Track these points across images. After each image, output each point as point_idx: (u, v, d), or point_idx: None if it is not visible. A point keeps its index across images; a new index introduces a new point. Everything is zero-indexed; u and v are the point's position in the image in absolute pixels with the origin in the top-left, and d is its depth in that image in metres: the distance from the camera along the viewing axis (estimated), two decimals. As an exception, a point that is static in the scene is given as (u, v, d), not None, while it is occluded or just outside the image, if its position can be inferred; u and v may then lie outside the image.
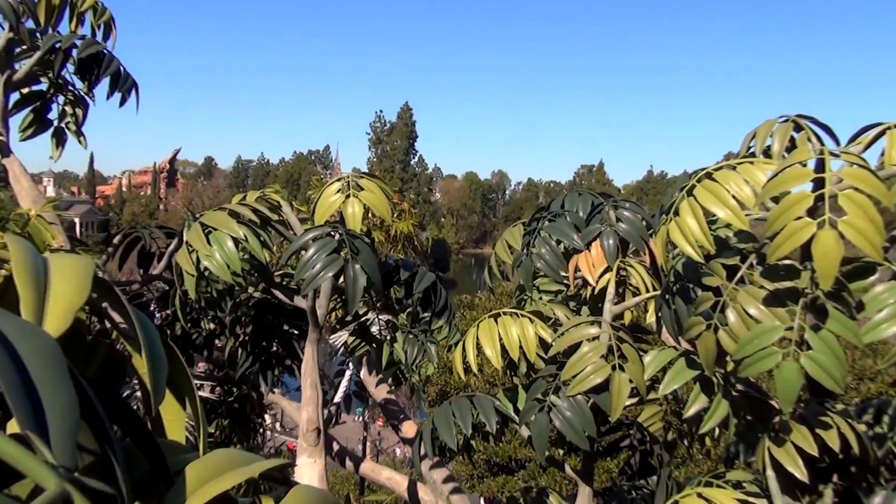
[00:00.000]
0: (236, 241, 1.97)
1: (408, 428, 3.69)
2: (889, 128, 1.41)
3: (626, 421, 2.38)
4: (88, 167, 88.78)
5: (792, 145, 1.52)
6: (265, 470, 0.53)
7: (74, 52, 2.82)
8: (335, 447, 3.63)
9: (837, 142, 1.48)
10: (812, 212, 1.15)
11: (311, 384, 2.23)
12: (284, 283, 2.57)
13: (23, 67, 2.86)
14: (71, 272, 0.53)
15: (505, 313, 2.01)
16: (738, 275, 1.33)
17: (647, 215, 2.05)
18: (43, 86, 3.01)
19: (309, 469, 2.13)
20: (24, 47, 2.86)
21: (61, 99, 3.03)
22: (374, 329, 2.73)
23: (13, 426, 0.42)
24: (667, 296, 1.57)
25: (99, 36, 3.02)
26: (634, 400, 1.81)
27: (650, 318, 1.93)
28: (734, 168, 1.36)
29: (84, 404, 0.44)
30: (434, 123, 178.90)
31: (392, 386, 3.64)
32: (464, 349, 2.02)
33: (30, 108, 3.02)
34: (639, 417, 2.38)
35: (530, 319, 1.98)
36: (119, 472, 0.45)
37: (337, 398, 4.09)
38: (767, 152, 1.53)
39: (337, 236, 1.97)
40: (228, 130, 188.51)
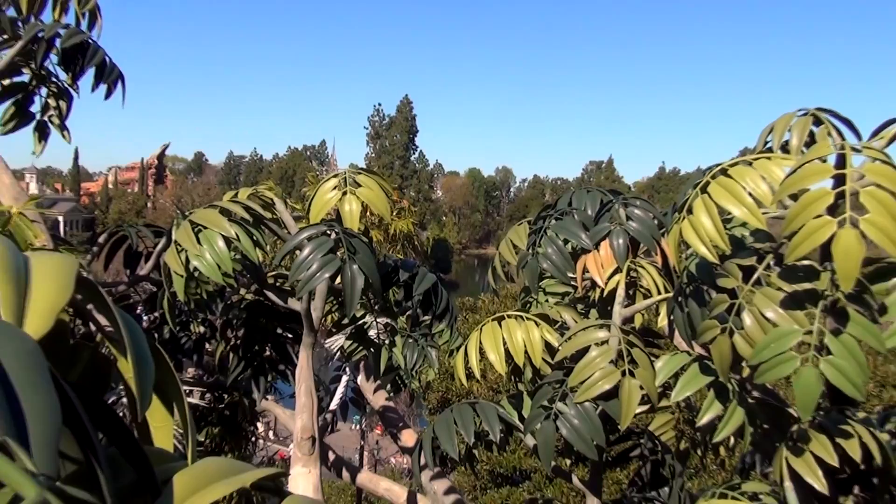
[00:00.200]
0: (228, 241, 1.97)
1: (407, 436, 3.69)
2: (914, 121, 1.40)
3: (637, 429, 2.38)
4: (73, 163, 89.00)
5: (811, 140, 1.52)
6: (257, 480, 0.53)
7: (58, 42, 2.82)
8: (331, 456, 3.64)
9: (859, 136, 1.47)
10: (832, 210, 1.14)
11: (306, 390, 2.23)
12: (278, 285, 2.57)
13: (3, 58, 2.86)
14: (53, 271, 0.53)
15: (509, 316, 2.00)
16: (755, 276, 1.33)
17: (659, 213, 2.04)
18: (25, 77, 3.01)
19: (303, 479, 2.13)
20: (6, 37, 2.86)
21: (44, 91, 3.03)
22: (372, 333, 2.72)
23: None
24: (679, 298, 1.56)
25: (83, 25, 3.02)
26: (645, 407, 1.81)
27: (662, 322, 1.93)
28: (750, 164, 1.36)
29: (66, 410, 0.44)
30: (435, 117, 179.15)
31: (391, 392, 3.64)
32: (466, 354, 2.02)
33: (11, 101, 3.02)
34: (650, 426, 2.38)
35: (536, 323, 1.98)
36: (103, 482, 0.45)
37: (333, 405, 4.10)
38: (785, 147, 1.53)
39: (333, 235, 1.97)
40: (219, 125, 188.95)
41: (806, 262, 1.27)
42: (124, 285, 2.93)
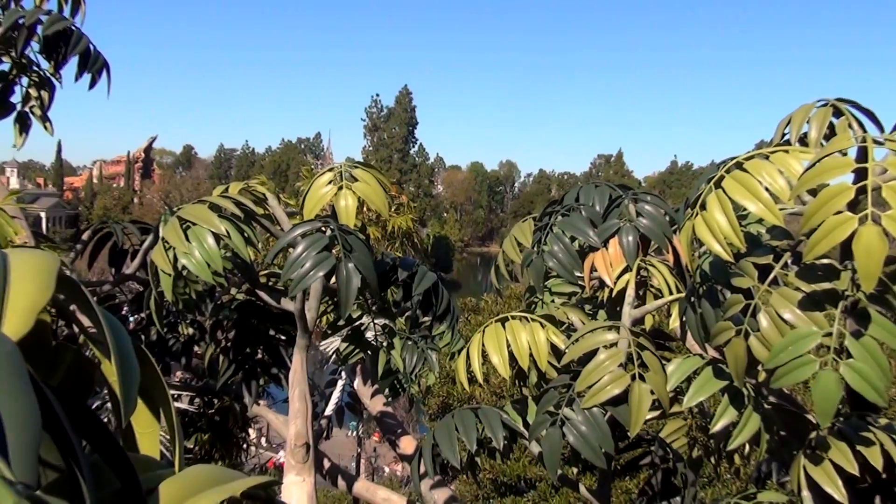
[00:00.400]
0: (217, 238, 1.97)
1: (406, 443, 3.69)
2: (939, 113, 1.40)
3: (647, 436, 2.38)
4: (56, 156, 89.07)
5: (831, 132, 1.52)
6: (248, 489, 0.52)
7: (39, 29, 2.82)
8: (326, 464, 3.64)
9: (881, 128, 1.47)
10: (853, 205, 1.14)
11: (300, 395, 2.23)
12: (270, 284, 2.57)
13: (-17, 46, 2.87)
14: (34, 269, 0.53)
15: (513, 317, 2.01)
16: (771, 275, 1.33)
17: (671, 210, 2.04)
18: (5, 66, 3.01)
19: (297, 488, 2.13)
20: (-15, 24, 2.86)
21: (25, 80, 3.03)
22: (370, 335, 2.73)
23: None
24: (692, 298, 1.56)
25: (66, 11, 3.02)
26: (656, 413, 1.81)
27: (673, 323, 1.93)
28: (767, 157, 1.35)
29: (47, 415, 0.44)
30: (436, 109, 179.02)
31: (389, 397, 3.64)
32: (468, 357, 2.02)
33: (-9, 91, 3.03)
34: (661, 432, 2.38)
35: (541, 324, 1.98)
36: (85, 490, 0.45)
37: (328, 411, 4.11)
38: (804, 140, 1.53)
39: (328, 232, 1.97)
40: (209, 116, 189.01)
41: (825, 261, 1.27)
42: (109, 284, 2.93)
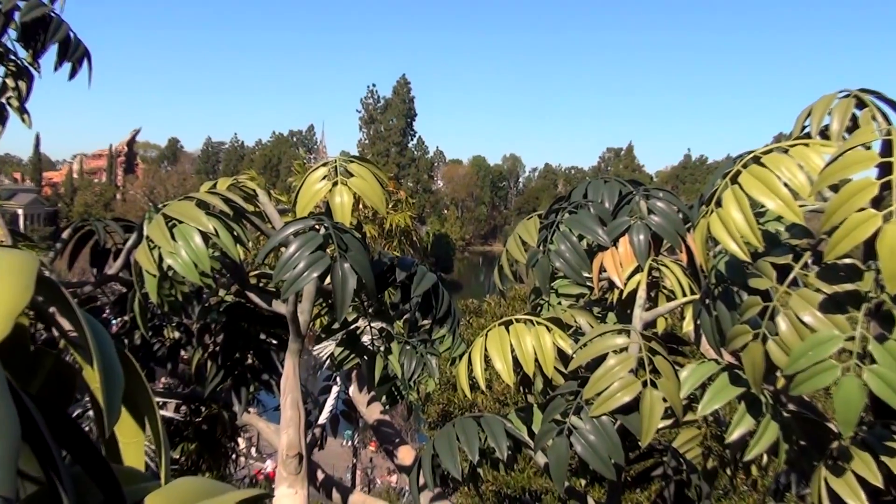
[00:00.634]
0: (205, 236, 1.97)
1: (404, 454, 3.69)
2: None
3: (659, 446, 2.38)
4: (34, 150, 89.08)
5: (854, 125, 1.52)
6: (238, 501, 0.53)
7: (17, 16, 2.82)
8: (320, 476, 3.64)
9: (907, 120, 1.47)
10: (877, 202, 1.14)
11: (292, 402, 2.23)
12: (261, 285, 2.57)
13: (-43, 34, 2.86)
14: (11, 270, 0.53)
15: (518, 320, 2.01)
16: (791, 276, 1.33)
17: (684, 206, 2.04)
18: (-20, 55, 3.01)
19: (289, 501, 2.13)
20: (-41, 10, 2.86)
21: (1, 70, 3.03)
22: (366, 339, 2.73)
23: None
24: (707, 300, 1.56)
25: (45, -3, 3.02)
26: (669, 422, 1.81)
27: (687, 327, 1.93)
28: (786, 151, 1.35)
29: (26, 424, 0.44)
30: (436, 100, 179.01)
31: (386, 405, 3.64)
32: (470, 362, 2.02)
33: (-35, 81, 3.03)
34: (674, 442, 2.38)
35: (547, 328, 1.98)
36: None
37: (322, 419, 4.11)
38: (825, 133, 1.53)
39: (322, 230, 1.97)
40: (196, 108, 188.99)
41: (848, 261, 1.27)
42: (91, 286, 2.93)
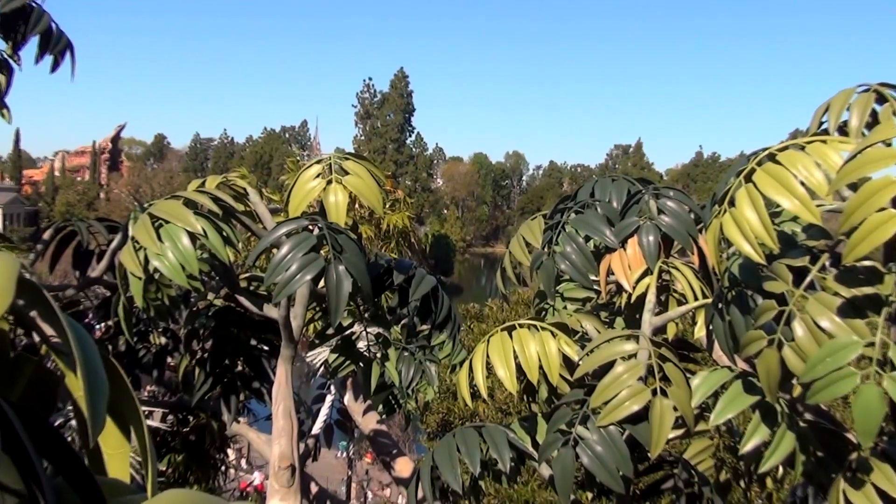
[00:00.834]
0: (193, 237, 1.97)
1: (402, 465, 3.70)
2: None
3: (670, 458, 2.38)
4: (13, 147, 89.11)
5: (873, 120, 1.52)
6: (227, 515, 0.53)
7: (-4, 6, 2.82)
8: (313, 489, 3.64)
9: (930, 116, 1.47)
10: (898, 202, 1.14)
11: (284, 412, 2.23)
12: (252, 289, 2.57)
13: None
14: (-9, 273, 0.53)
15: (521, 325, 2.01)
16: (808, 279, 1.33)
17: (696, 206, 2.04)
18: (-43, 47, 3.01)
19: (281, 515, 2.13)
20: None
21: (-20, 63, 3.03)
22: (362, 345, 2.73)
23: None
24: (720, 304, 1.56)
25: (26, -14, 3.02)
26: (680, 432, 1.81)
27: (699, 332, 1.93)
28: (803, 148, 1.35)
29: (6, 434, 0.44)
30: (435, 94, 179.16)
31: (383, 414, 3.64)
32: (471, 369, 2.02)
33: (-59, 75, 3.02)
34: (685, 453, 2.38)
35: (552, 333, 1.98)
36: (49, 517, 0.45)
37: (315, 429, 4.11)
38: (844, 129, 1.53)
39: (316, 231, 1.97)
40: (184, 103, 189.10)
41: (867, 263, 1.27)
42: (73, 289, 2.93)
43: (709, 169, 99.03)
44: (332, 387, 4.25)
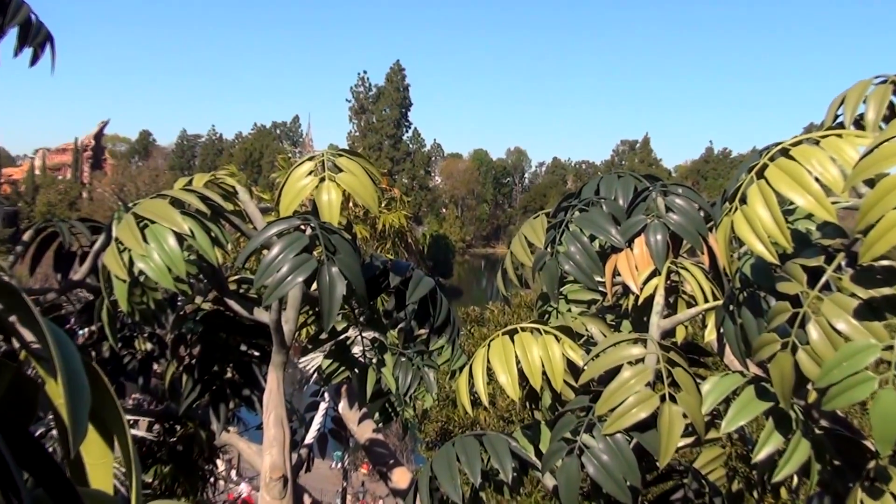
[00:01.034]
0: (180, 238, 1.97)
1: (399, 476, 3.69)
2: None
3: (679, 467, 2.38)
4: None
5: (891, 113, 1.52)
6: (216, 528, 0.52)
7: (-28, -3, 2.82)
8: (306, 501, 3.64)
9: (950, 109, 1.47)
10: (917, 198, 1.14)
11: (276, 420, 2.23)
12: (241, 292, 2.57)
13: None
14: (-33, 275, 0.53)
15: (523, 329, 2.00)
16: (823, 279, 1.33)
17: (706, 204, 2.04)
18: (-68, 39, 3.00)
19: (273, 529, 2.13)
20: None
21: (-44, 56, 3.03)
22: (357, 350, 2.73)
23: None
24: (731, 307, 1.56)
25: (4, -24, 3.02)
26: (689, 440, 1.81)
27: (709, 336, 1.93)
28: (817, 143, 1.36)
29: (-17, 443, 0.44)
30: (433, 88, 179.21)
31: (379, 423, 3.64)
32: (471, 375, 2.02)
33: (-84, 69, 3.02)
34: (695, 462, 2.38)
35: (556, 337, 1.98)
36: (28, 531, 0.45)
37: (308, 438, 4.11)
38: (860, 122, 1.53)
39: (308, 231, 1.97)
40: (170, 98, 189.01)
41: (885, 263, 1.27)
42: (54, 293, 2.93)
43: (719, 165, 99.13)
44: (326, 394, 4.25)
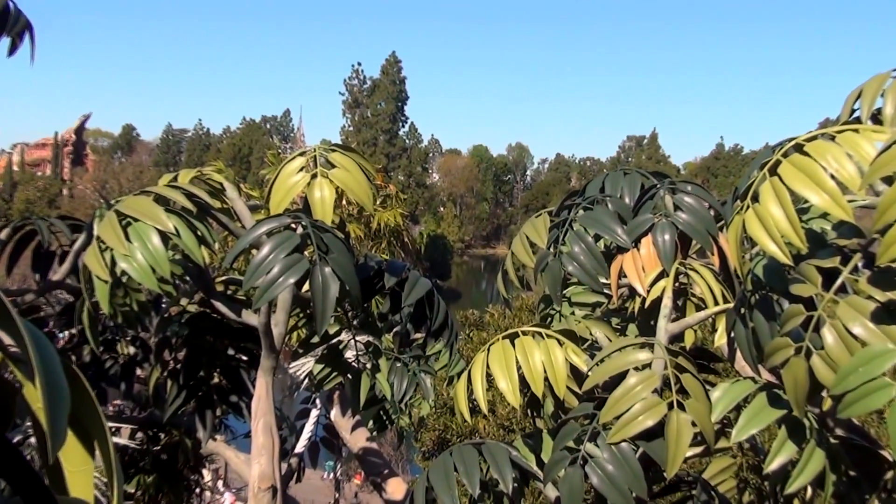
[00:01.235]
0: (164, 237, 1.97)
1: (394, 487, 3.69)
2: None
3: (688, 478, 2.38)
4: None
5: (910, 108, 1.52)
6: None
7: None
8: (297, 513, 3.63)
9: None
10: (937, 196, 1.14)
11: (265, 428, 2.23)
12: (229, 293, 2.57)
13: None
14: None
15: (525, 333, 2.00)
16: (839, 281, 1.33)
17: (716, 202, 2.04)
18: None
19: (262, 542, 2.13)
20: None
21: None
22: (350, 354, 2.73)
23: None
24: (742, 310, 1.56)
25: (-20, -38, 3.02)
26: (699, 450, 1.81)
27: (720, 340, 1.93)
28: (833, 138, 1.36)
29: (-43, 450, 0.44)
30: (430, 81, 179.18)
31: (373, 431, 3.64)
32: (470, 382, 2.02)
33: None
34: (704, 473, 2.38)
35: (559, 341, 1.98)
36: (4, 542, 0.45)
37: (299, 447, 4.10)
38: (877, 117, 1.53)
39: (300, 230, 1.97)
40: (155, 90, 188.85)
41: (904, 264, 1.27)
42: (33, 294, 2.93)
43: (730, 162, 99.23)
44: (318, 401, 4.25)
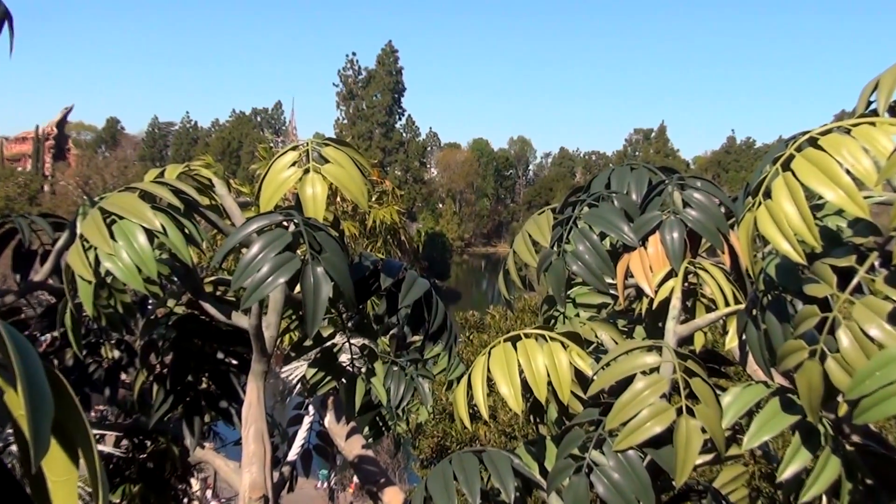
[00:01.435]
0: (151, 235, 1.97)
1: (391, 497, 3.69)
2: None
3: (698, 486, 2.38)
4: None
5: (929, 100, 1.52)
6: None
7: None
8: (289, 524, 3.64)
9: None
10: (957, 193, 1.15)
11: (256, 435, 2.23)
12: (218, 294, 2.57)
13: None
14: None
15: (527, 336, 2.01)
16: (854, 281, 1.33)
17: (727, 198, 2.04)
18: None
19: (252, 554, 2.13)
20: None
21: None
22: (344, 358, 2.73)
23: None
24: (754, 311, 1.57)
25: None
26: (709, 457, 1.81)
27: (731, 343, 1.93)
28: (848, 131, 1.36)
29: (-64, 458, 0.44)
30: (428, 71, 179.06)
31: (369, 438, 3.64)
32: (470, 386, 2.02)
33: None
34: (715, 481, 2.39)
35: (563, 344, 1.98)
36: (-15, 554, 0.45)
37: (291, 455, 4.10)
38: (895, 109, 1.53)
39: (291, 228, 1.97)
40: (140, 82, 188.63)
41: (922, 263, 1.27)
42: (13, 295, 2.92)
43: (742, 156, 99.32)
44: (311, 407, 4.25)
